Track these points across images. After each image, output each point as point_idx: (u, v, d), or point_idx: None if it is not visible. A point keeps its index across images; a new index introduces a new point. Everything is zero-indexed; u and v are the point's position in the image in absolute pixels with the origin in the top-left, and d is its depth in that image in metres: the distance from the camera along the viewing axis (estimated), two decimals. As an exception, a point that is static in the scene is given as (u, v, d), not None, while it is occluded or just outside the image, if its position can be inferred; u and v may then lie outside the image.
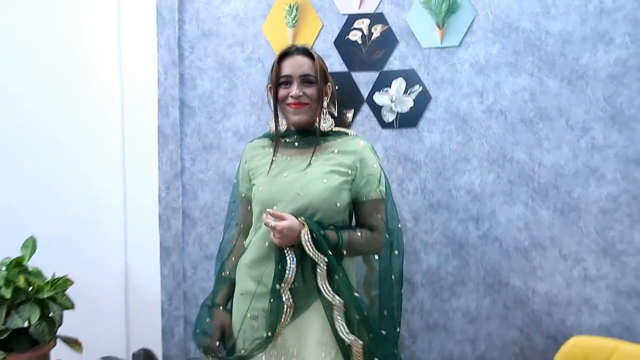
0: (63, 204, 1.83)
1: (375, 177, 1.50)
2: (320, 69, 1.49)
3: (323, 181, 1.43)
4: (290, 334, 1.44)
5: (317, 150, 1.49)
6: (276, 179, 1.49)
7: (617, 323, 1.79)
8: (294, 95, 1.47)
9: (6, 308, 1.31)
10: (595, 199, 1.79)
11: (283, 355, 1.44)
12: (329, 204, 1.42)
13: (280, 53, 1.51)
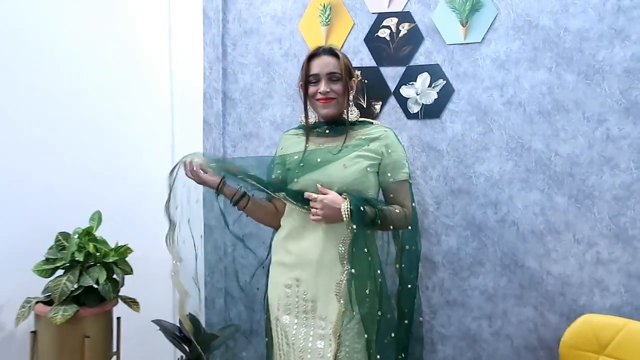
0: (122, 184, 2.06)
1: (401, 161, 1.66)
2: (344, 66, 1.65)
3: (350, 166, 1.60)
4: (321, 301, 1.62)
5: (347, 138, 1.66)
6: (307, 163, 1.67)
7: (627, 304, 1.89)
8: (322, 91, 1.63)
9: (79, 269, 1.54)
10: (609, 187, 1.89)
11: (313, 319, 1.63)
12: (356, 185, 1.59)
13: (309, 54, 1.68)
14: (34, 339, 1.55)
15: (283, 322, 1.66)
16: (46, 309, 1.49)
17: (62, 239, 1.59)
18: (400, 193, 1.66)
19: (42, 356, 1.54)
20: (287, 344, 1.65)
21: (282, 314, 1.67)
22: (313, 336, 1.61)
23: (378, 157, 1.65)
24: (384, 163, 1.64)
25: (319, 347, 1.59)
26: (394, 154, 1.65)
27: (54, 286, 1.49)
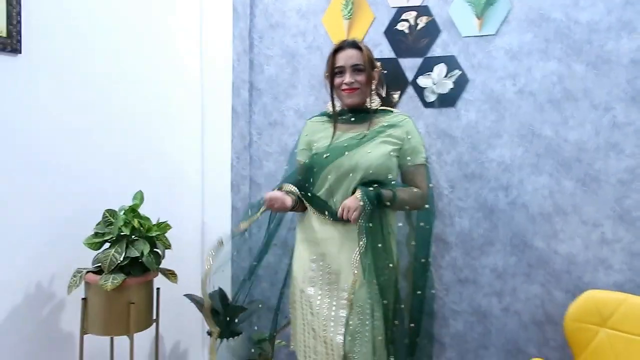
0: (158, 167, 2.22)
1: (419, 147, 1.80)
2: (367, 59, 1.78)
3: (374, 151, 1.74)
4: (344, 273, 1.77)
5: (370, 125, 1.79)
6: (335, 151, 1.80)
7: (630, 281, 2.01)
8: (347, 82, 1.77)
9: (125, 243, 1.70)
10: (614, 171, 2.01)
11: (336, 290, 1.78)
12: (379, 169, 1.73)
13: (334, 48, 1.81)
14: (85, 305, 1.72)
15: (308, 294, 1.81)
16: (96, 278, 1.65)
17: (109, 216, 1.75)
18: (417, 176, 1.80)
19: (92, 321, 1.70)
20: (311, 313, 1.81)
21: (307, 285, 1.83)
22: (336, 306, 1.76)
23: (400, 143, 1.79)
24: (404, 148, 1.78)
25: (341, 316, 1.75)
26: (413, 140, 1.78)
27: (104, 257, 1.66)
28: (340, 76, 1.79)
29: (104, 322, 1.69)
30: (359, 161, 1.73)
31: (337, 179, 1.76)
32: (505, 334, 2.20)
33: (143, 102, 2.15)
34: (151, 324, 1.81)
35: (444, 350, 2.29)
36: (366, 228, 1.69)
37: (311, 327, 1.81)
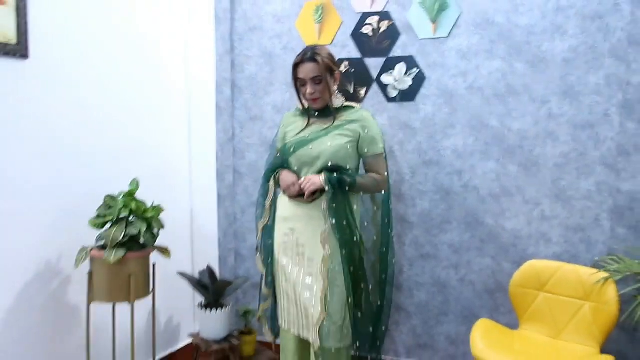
0: (151, 158, 2.47)
1: (376, 138, 2.06)
2: (324, 68, 1.98)
3: (332, 142, 1.99)
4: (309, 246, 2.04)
5: (334, 119, 2.05)
6: (303, 141, 2.06)
7: (566, 252, 2.31)
8: (309, 93, 2.00)
9: (125, 222, 1.96)
10: (551, 156, 2.30)
11: (303, 260, 2.04)
12: (337, 157, 1.98)
13: (295, 62, 2.03)
14: (90, 278, 1.97)
15: (282, 263, 2.09)
16: (101, 253, 1.91)
17: (109, 200, 2.00)
18: (375, 164, 2.07)
19: (97, 290, 1.96)
20: (285, 280, 2.08)
21: (282, 256, 2.10)
22: (303, 273, 2.03)
23: (355, 136, 2.04)
24: (361, 140, 2.04)
25: (307, 282, 2.02)
26: (370, 132, 2.03)
27: (107, 235, 1.91)
28: (303, 86, 2.03)
29: (108, 291, 1.95)
30: (319, 151, 2.00)
31: (300, 166, 2.04)
32: (462, 302, 2.49)
33: (136, 101, 2.39)
34: (149, 294, 2.07)
35: (410, 317, 2.58)
36: (330, 208, 1.96)
37: (286, 293, 2.08)
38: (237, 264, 2.85)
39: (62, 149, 2.05)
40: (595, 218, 2.25)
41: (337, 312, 1.98)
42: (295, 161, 2.05)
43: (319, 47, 2.03)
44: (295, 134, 2.11)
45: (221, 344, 2.45)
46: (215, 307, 2.46)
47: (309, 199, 2.00)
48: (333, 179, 1.94)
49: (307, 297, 2.01)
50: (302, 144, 2.05)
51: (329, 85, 2.02)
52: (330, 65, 2.01)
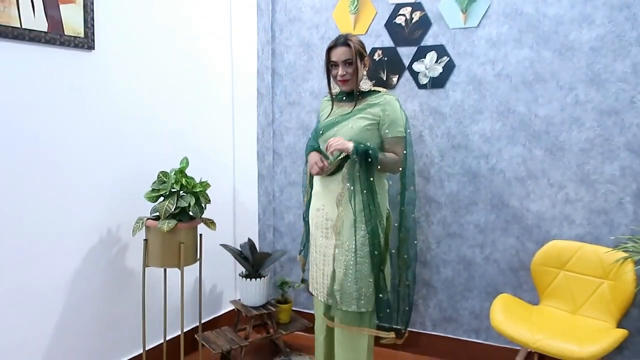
0: (198, 139, 2.70)
1: (397, 121, 2.16)
2: (356, 53, 2.13)
3: (353, 125, 2.14)
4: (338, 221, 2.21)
5: (357, 104, 2.19)
6: (330, 124, 2.23)
7: (589, 234, 2.40)
8: (340, 74, 2.16)
9: (176, 196, 2.19)
10: (576, 141, 2.38)
11: (331, 233, 2.21)
12: (358, 138, 2.10)
13: (329, 46, 2.19)
14: (146, 245, 2.22)
15: (315, 236, 2.28)
16: (155, 223, 2.14)
17: (162, 176, 2.24)
18: (395, 145, 2.18)
19: (151, 257, 2.20)
20: (315, 251, 2.27)
21: (314, 229, 2.29)
22: (330, 246, 2.19)
23: (376, 118, 2.15)
24: (381, 122, 2.16)
25: (332, 253, 2.18)
26: (391, 115, 2.14)
27: (160, 207, 2.14)
28: (335, 69, 2.19)
29: (161, 257, 2.19)
30: (342, 133, 2.15)
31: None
32: (486, 279, 2.62)
33: (186, 87, 2.62)
34: (196, 261, 2.30)
35: (436, 293, 2.73)
36: (350, 174, 2.10)
37: (315, 263, 2.28)
38: (275, 239, 3.07)
39: (122, 130, 2.30)
40: (619, 201, 2.33)
41: (357, 281, 2.11)
42: (322, 143, 2.23)
43: (351, 35, 2.18)
44: (325, 117, 2.28)
45: (260, 310, 2.68)
46: (255, 277, 2.68)
47: (331, 160, 2.14)
48: (360, 147, 2.07)
49: (329, 266, 2.19)
50: (329, 127, 2.22)
51: (358, 69, 2.16)
52: (360, 51, 2.16)
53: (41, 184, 1.98)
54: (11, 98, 1.85)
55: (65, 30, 2.00)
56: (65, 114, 2.05)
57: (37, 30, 1.91)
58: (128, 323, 2.38)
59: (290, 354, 2.78)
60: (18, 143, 1.88)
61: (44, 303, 2.02)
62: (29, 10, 1.88)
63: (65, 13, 2.00)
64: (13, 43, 1.84)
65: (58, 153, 2.03)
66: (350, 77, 2.16)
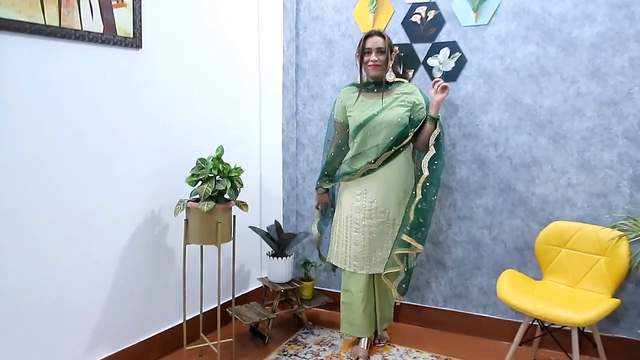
0: (230, 129, 2.94)
1: (425, 107, 2.52)
2: (387, 44, 2.50)
3: (395, 111, 2.47)
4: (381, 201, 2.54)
5: (385, 93, 2.48)
6: (364, 110, 2.53)
7: (589, 215, 2.61)
8: (372, 59, 2.48)
9: (214, 180, 2.43)
10: (578, 130, 2.59)
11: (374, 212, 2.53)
12: (396, 123, 2.47)
13: (365, 34, 2.53)
14: (187, 225, 2.47)
15: (355, 217, 2.57)
16: (195, 204, 2.39)
17: (200, 162, 2.48)
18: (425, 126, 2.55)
19: (192, 234, 2.45)
20: (356, 230, 2.57)
21: (354, 212, 2.57)
22: (375, 224, 2.55)
23: (410, 105, 2.52)
24: (415, 108, 2.52)
25: (374, 229, 2.56)
26: (422, 102, 2.54)
27: (200, 190, 2.39)
28: (367, 55, 2.52)
29: (200, 235, 2.43)
30: (385, 120, 2.49)
31: (374, 130, 2.51)
32: (494, 258, 2.84)
33: (219, 82, 2.87)
34: (230, 239, 2.55)
35: (447, 271, 2.96)
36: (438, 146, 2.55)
37: (354, 242, 2.54)
38: (298, 222, 3.32)
39: (166, 121, 2.55)
40: (617, 185, 2.54)
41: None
42: (364, 133, 2.53)
43: (383, 31, 2.58)
44: (352, 105, 2.58)
45: (285, 286, 2.93)
46: (281, 256, 2.93)
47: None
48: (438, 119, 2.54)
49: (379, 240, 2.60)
50: (371, 118, 2.52)
51: (388, 59, 2.50)
52: (391, 44, 2.54)
53: (95, 170, 2.23)
54: (73, 92, 2.10)
55: (117, 31, 2.25)
56: (117, 107, 2.30)
57: (95, 32, 2.16)
58: (170, 295, 2.65)
59: (312, 327, 3.03)
60: (79, 133, 2.14)
61: (99, 274, 2.29)
62: (88, 14, 2.12)
63: (118, 16, 2.25)
64: (75, 43, 2.09)
65: (112, 142, 2.29)
66: (381, 63, 2.49)
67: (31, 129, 1.96)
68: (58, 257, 2.09)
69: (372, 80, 2.57)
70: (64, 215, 2.11)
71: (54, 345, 2.11)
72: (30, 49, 1.93)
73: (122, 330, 2.41)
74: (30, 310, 2.00)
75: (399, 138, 2.50)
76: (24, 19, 1.89)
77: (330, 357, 2.65)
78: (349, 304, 2.64)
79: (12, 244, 1.92)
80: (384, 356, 2.67)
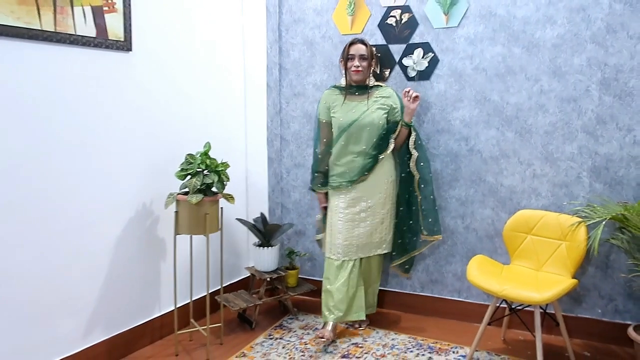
0: (217, 126, 3.10)
1: (399, 109, 2.74)
2: (369, 52, 2.72)
3: (373, 113, 2.68)
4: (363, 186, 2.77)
5: (369, 97, 2.70)
6: (347, 112, 2.74)
7: (553, 204, 2.80)
8: (355, 65, 2.69)
9: (202, 174, 2.59)
10: (542, 125, 2.78)
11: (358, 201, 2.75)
12: (376, 125, 2.69)
13: (349, 42, 2.75)
14: (177, 216, 2.62)
15: (353, 211, 2.81)
16: (184, 197, 2.55)
17: (189, 157, 2.63)
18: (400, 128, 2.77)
19: (181, 225, 2.60)
20: (342, 219, 2.78)
21: (344, 207, 2.78)
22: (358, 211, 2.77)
23: (388, 108, 2.74)
24: (391, 110, 2.75)
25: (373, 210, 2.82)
26: (398, 105, 2.77)
27: (189, 183, 2.55)
28: (351, 61, 2.73)
29: (189, 226, 2.59)
30: (367, 121, 2.72)
31: (357, 131, 2.74)
32: (467, 245, 3.03)
33: (206, 81, 3.02)
34: (218, 230, 2.71)
35: (424, 258, 3.14)
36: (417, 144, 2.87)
37: (337, 230, 2.79)
38: (283, 215, 3.48)
39: (157, 119, 2.70)
40: (577, 176, 2.74)
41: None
42: (349, 135, 2.76)
43: (366, 39, 2.80)
44: (339, 107, 2.79)
45: (271, 274, 3.09)
46: (267, 246, 3.10)
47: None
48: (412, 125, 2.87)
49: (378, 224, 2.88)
50: (355, 121, 2.75)
51: (370, 65, 2.73)
52: (373, 52, 2.77)
53: (90, 166, 2.38)
54: (68, 92, 2.25)
55: (109, 35, 2.40)
56: (109, 106, 2.45)
57: (88, 36, 2.30)
58: (161, 283, 2.80)
59: (297, 313, 3.20)
60: (74, 131, 2.29)
61: (95, 263, 2.44)
62: (81, 19, 2.27)
63: (109, 21, 2.39)
64: (70, 47, 2.24)
65: (102, 138, 2.44)
66: (362, 69, 2.71)
67: (28, 127, 2.11)
68: (57, 246, 2.24)
69: (354, 84, 2.77)
70: (62, 207, 2.26)
71: (54, 328, 2.26)
72: (28, 53, 2.08)
73: (116, 316, 2.56)
74: (31, 296, 2.15)
75: (381, 147, 2.78)
76: (22, 24, 2.04)
77: (314, 339, 2.82)
78: (328, 291, 2.83)
79: (14, 234, 2.07)
80: (364, 338, 2.85)
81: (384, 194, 2.83)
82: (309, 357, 2.64)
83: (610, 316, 2.75)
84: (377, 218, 2.84)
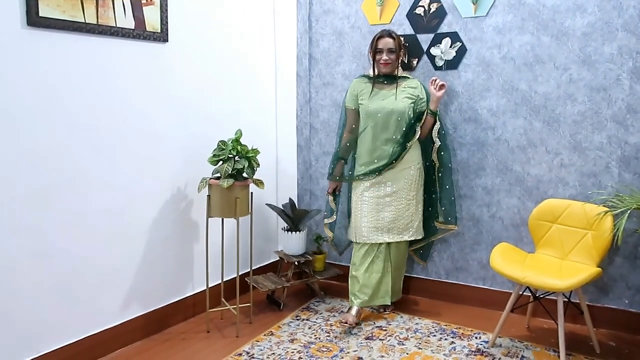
0: (249, 114, 3.21)
1: (426, 100, 2.81)
2: (397, 44, 2.77)
3: (400, 102, 2.75)
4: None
5: (393, 86, 2.77)
6: (375, 100, 2.82)
7: (580, 194, 2.79)
8: (384, 59, 2.77)
9: (233, 160, 2.70)
10: (570, 114, 2.77)
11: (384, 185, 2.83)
12: (404, 113, 2.76)
13: (377, 35, 2.82)
14: (209, 200, 2.75)
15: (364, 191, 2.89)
16: (216, 181, 2.67)
17: (221, 144, 2.75)
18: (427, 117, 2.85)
19: (213, 208, 2.73)
20: (366, 202, 2.87)
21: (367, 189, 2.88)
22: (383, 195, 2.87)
23: (414, 98, 2.80)
24: (418, 100, 2.81)
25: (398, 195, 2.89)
26: (425, 96, 2.84)
27: (221, 168, 2.66)
28: (379, 54, 2.80)
29: (220, 209, 2.71)
30: (394, 110, 2.79)
31: (385, 119, 2.80)
32: (492, 234, 3.06)
33: (238, 71, 3.13)
34: (248, 213, 2.83)
35: (449, 246, 3.18)
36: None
37: (363, 214, 2.90)
38: (311, 201, 3.58)
39: (191, 107, 2.83)
40: (606, 166, 2.72)
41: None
42: (375, 122, 2.83)
43: (394, 31, 2.86)
44: (368, 95, 2.85)
45: (299, 258, 3.20)
46: (295, 231, 3.20)
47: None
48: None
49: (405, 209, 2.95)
50: (382, 108, 2.82)
51: (398, 57, 2.79)
52: (401, 44, 2.82)
53: (129, 152, 2.52)
54: (109, 81, 2.39)
55: (147, 27, 2.53)
56: (147, 94, 2.59)
57: (127, 28, 2.44)
58: (194, 264, 2.94)
59: (324, 296, 3.30)
60: (115, 117, 2.43)
61: (132, 243, 2.59)
62: (121, 12, 2.40)
63: (147, 13, 2.52)
64: (111, 38, 2.37)
65: (143, 125, 2.58)
66: (391, 62, 2.78)
67: (74, 114, 2.26)
68: (98, 228, 2.40)
69: (382, 75, 2.86)
70: (104, 191, 2.42)
71: (95, 302, 2.42)
72: (73, 44, 2.22)
73: (152, 293, 2.72)
74: (74, 270, 2.32)
75: (409, 135, 2.83)
76: (68, 17, 2.18)
77: (338, 322, 2.92)
78: (354, 276, 2.92)
79: (60, 214, 2.24)
80: (388, 322, 2.93)
81: (410, 180, 2.88)
82: (334, 337, 2.73)
83: (637, 307, 2.73)
84: (402, 203, 2.88)
